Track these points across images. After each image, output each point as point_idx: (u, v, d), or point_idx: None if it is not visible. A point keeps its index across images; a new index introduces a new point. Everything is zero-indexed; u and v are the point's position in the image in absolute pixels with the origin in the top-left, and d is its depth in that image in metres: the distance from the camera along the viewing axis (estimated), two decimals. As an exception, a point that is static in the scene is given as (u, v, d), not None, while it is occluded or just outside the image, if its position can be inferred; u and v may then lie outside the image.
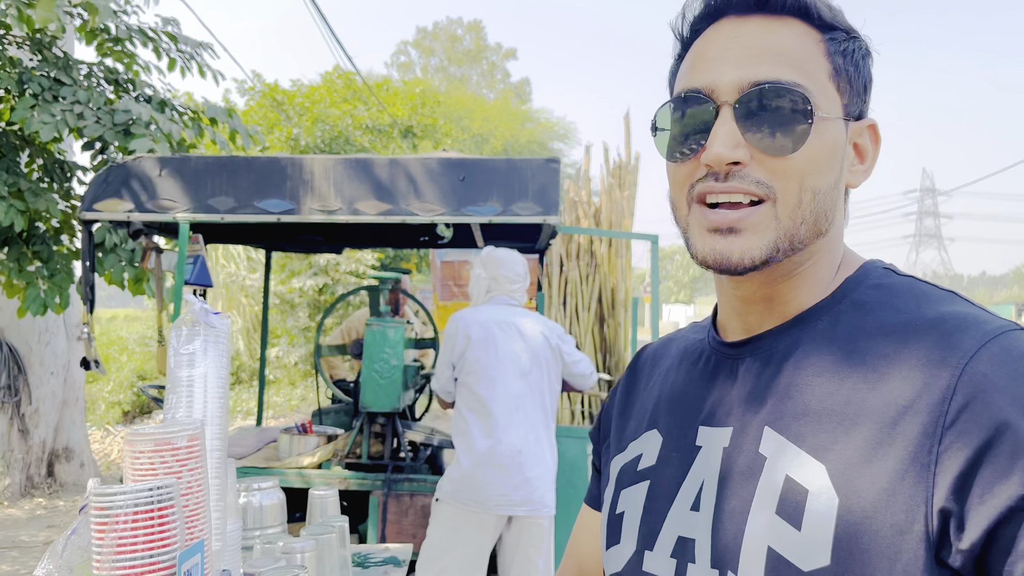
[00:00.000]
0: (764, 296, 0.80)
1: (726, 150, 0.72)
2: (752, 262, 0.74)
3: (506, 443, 2.97)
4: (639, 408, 0.95)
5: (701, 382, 0.86)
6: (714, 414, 0.81)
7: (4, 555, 5.34)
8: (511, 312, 3.16)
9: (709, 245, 0.75)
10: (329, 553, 1.66)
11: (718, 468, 0.78)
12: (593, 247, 4.16)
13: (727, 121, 0.73)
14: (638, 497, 0.86)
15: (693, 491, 0.80)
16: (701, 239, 0.76)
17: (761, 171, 0.73)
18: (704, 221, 0.76)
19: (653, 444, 0.88)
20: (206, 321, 1.37)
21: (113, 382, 10.78)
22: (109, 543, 1.02)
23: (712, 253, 0.75)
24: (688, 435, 0.84)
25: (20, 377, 6.82)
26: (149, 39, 4.67)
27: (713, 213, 0.75)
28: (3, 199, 3.98)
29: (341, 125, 12.92)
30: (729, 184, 0.73)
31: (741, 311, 0.83)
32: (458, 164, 3.27)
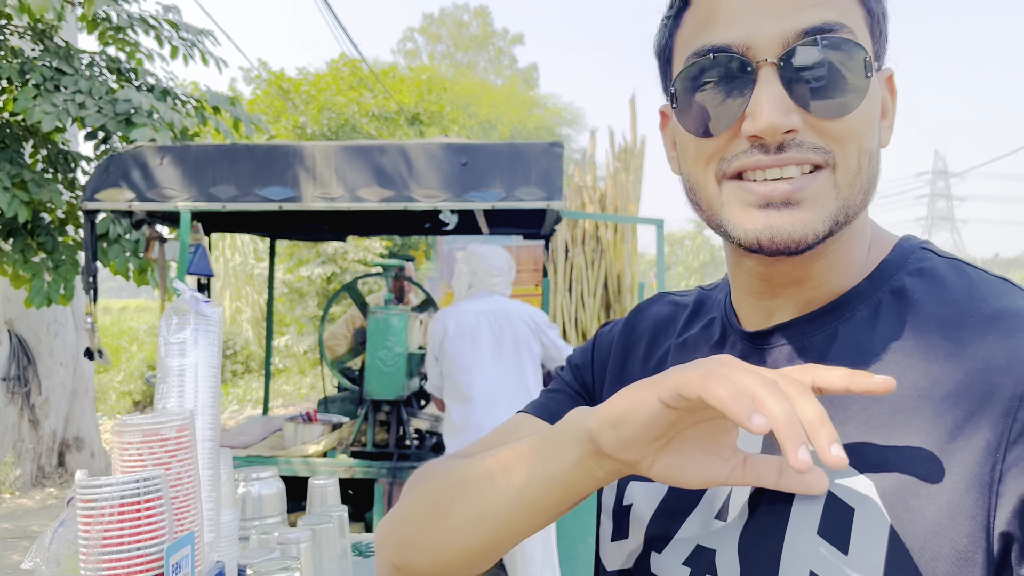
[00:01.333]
0: (796, 278, 0.69)
1: (779, 116, 0.61)
2: (816, 237, 0.63)
3: (488, 427, 3.02)
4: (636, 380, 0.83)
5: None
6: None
7: (15, 545, 5.37)
8: (492, 302, 3.21)
9: (762, 222, 0.64)
10: (328, 543, 1.65)
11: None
12: (599, 232, 4.12)
13: (772, 82, 0.62)
14: (651, 494, 0.77)
15: (719, 498, 0.71)
16: (747, 216, 0.65)
17: (816, 136, 0.63)
18: (747, 195, 0.65)
19: None
20: (197, 310, 1.35)
21: (123, 372, 10.84)
22: (95, 536, 1.01)
23: (767, 231, 0.63)
24: None
25: (30, 368, 6.85)
26: (150, 27, 4.64)
27: (761, 185, 0.64)
28: (7, 190, 3.97)
29: (347, 113, 12.89)
30: (783, 155, 0.63)
31: (764, 294, 0.72)
32: (460, 149, 3.24)
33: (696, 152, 0.68)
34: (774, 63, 0.62)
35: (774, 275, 0.70)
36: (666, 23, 0.72)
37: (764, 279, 0.71)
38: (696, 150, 0.68)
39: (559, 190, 3.15)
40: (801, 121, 0.62)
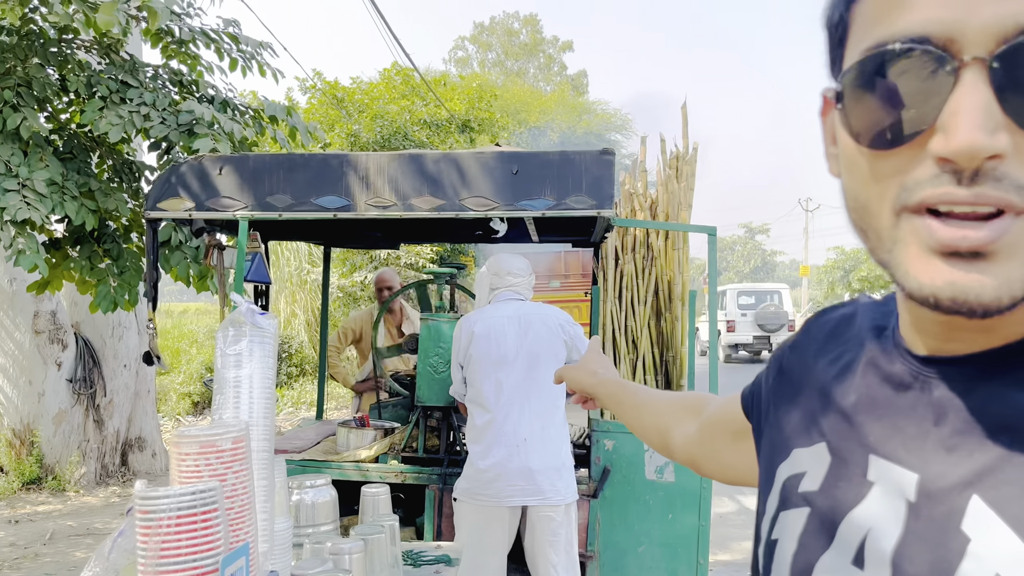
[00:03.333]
0: (982, 327, 0.56)
1: (982, 137, 0.47)
2: (1012, 301, 0.49)
3: (509, 433, 3.04)
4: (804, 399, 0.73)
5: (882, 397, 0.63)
6: (893, 445, 0.61)
7: (79, 542, 5.55)
8: (516, 306, 3.23)
9: (944, 276, 0.50)
10: (380, 552, 1.67)
11: (900, 527, 0.57)
12: (649, 239, 4.09)
13: (979, 90, 0.47)
14: (796, 525, 0.68)
15: (855, 539, 0.61)
16: (925, 265, 0.51)
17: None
18: (929, 237, 0.50)
19: (820, 462, 0.67)
20: (252, 322, 1.38)
21: (183, 374, 11.12)
22: (153, 547, 1.04)
23: (948, 288, 0.50)
24: (857, 462, 0.63)
25: (95, 370, 7.08)
26: (211, 40, 4.76)
27: (947, 228, 0.49)
28: (75, 199, 4.11)
29: (399, 121, 13.03)
30: (978, 191, 0.48)
31: (939, 337, 0.59)
32: (511, 157, 3.25)
33: (868, 169, 0.54)
34: (984, 61, 0.48)
35: (955, 323, 0.56)
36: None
37: (942, 325, 0.58)
38: (868, 167, 0.54)
39: (610, 198, 3.13)
40: (1010, 143, 0.47)
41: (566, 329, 3.20)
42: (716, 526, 3.53)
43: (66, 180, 4.15)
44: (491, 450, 3.05)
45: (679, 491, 3.38)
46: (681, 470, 3.35)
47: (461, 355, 3.21)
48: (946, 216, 0.49)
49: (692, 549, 3.37)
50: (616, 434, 3.42)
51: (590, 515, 3.41)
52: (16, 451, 6.85)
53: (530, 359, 3.12)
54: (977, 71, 0.48)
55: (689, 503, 3.37)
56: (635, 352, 4.06)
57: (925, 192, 0.50)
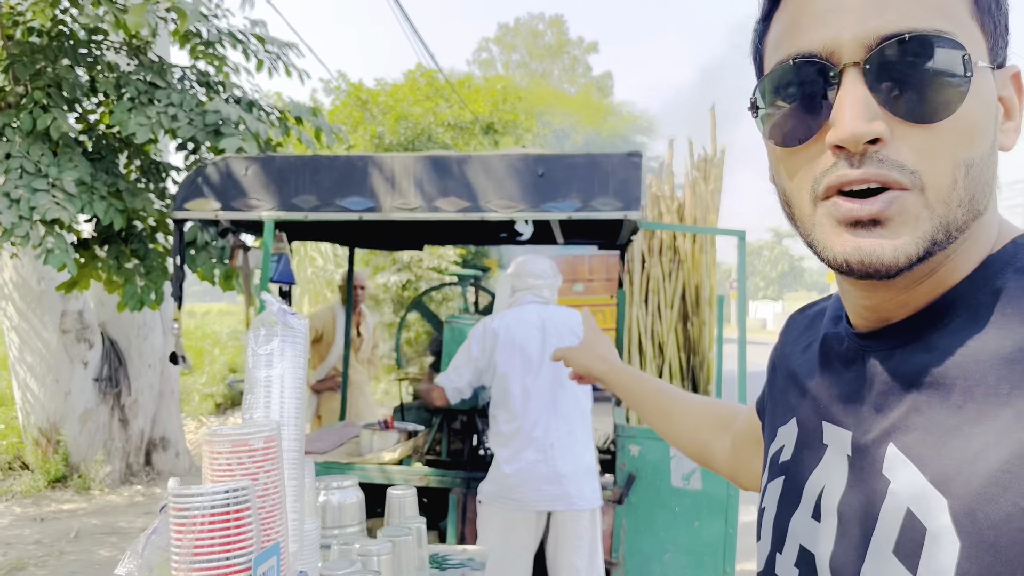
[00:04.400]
0: (900, 302, 0.66)
1: (861, 124, 0.58)
2: (908, 260, 0.59)
3: (536, 438, 3.02)
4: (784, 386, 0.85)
5: (833, 372, 0.74)
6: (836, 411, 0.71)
7: (104, 540, 5.60)
8: (538, 310, 3.21)
9: (851, 243, 0.60)
10: (407, 554, 1.65)
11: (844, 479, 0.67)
12: (676, 243, 4.05)
13: (856, 86, 0.59)
14: (775, 492, 0.79)
15: (813, 496, 0.71)
16: (837, 237, 0.62)
17: (904, 148, 0.58)
18: (836, 212, 0.61)
19: (791, 435, 0.79)
20: (284, 321, 1.37)
21: (206, 375, 11.20)
22: (187, 544, 1.03)
23: (856, 252, 0.60)
24: (816, 430, 0.74)
25: (120, 369, 7.14)
26: (238, 41, 4.80)
27: (848, 201, 0.60)
28: (103, 199, 4.15)
29: (424, 123, 13.06)
30: (866, 171, 0.59)
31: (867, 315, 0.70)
32: (537, 160, 3.24)
33: (787, 165, 0.66)
34: (859, 65, 0.59)
35: (878, 305, 0.67)
36: (756, 28, 0.70)
37: (869, 309, 0.69)
38: (786, 164, 0.66)
39: (637, 200, 3.11)
40: (887, 129, 0.58)
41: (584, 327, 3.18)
42: (742, 535, 3.49)
43: (95, 180, 4.19)
44: (519, 454, 3.03)
45: (706, 498, 3.34)
46: (708, 477, 3.31)
47: (484, 359, 3.18)
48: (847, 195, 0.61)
49: (719, 557, 3.33)
50: (642, 439, 3.39)
51: (615, 521, 3.38)
52: (42, 449, 6.93)
53: (555, 364, 3.10)
54: (854, 73, 0.60)
55: (716, 511, 3.33)
56: (661, 357, 4.03)
57: (828, 179, 0.61)
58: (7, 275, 6.76)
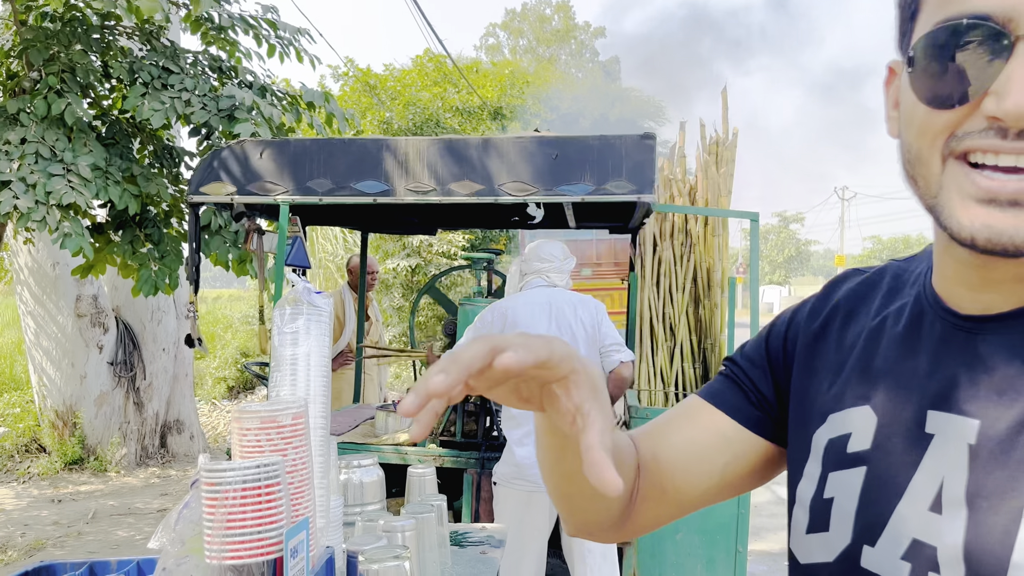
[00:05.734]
0: (1020, 275, 0.63)
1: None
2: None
3: None
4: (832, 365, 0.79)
5: (923, 354, 0.70)
6: (948, 398, 0.67)
7: (121, 521, 5.67)
8: (546, 293, 3.22)
9: (981, 219, 0.58)
10: (428, 531, 1.68)
11: (966, 468, 0.64)
12: (688, 226, 4.06)
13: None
14: (852, 483, 0.73)
15: (931, 489, 0.66)
16: (965, 208, 0.59)
17: None
18: (971, 186, 0.58)
19: (866, 424, 0.73)
20: (309, 300, 1.39)
21: (219, 359, 11.27)
22: (219, 518, 1.05)
23: (985, 230, 0.58)
24: (912, 418, 0.69)
25: (135, 353, 7.21)
26: (250, 27, 4.80)
27: (984, 178, 0.58)
28: (118, 184, 4.17)
29: (432, 108, 13.04)
30: (1021, 144, 0.56)
31: (977, 288, 0.66)
32: (550, 142, 3.24)
33: (924, 122, 0.62)
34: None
35: (993, 271, 0.64)
36: None
37: (980, 273, 0.65)
38: (925, 120, 0.62)
39: (651, 183, 3.11)
40: None
41: (593, 316, 3.19)
42: (753, 515, 3.51)
43: (109, 165, 4.22)
44: (530, 436, 3.06)
45: (718, 478, 3.35)
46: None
47: None
48: (987, 168, 0.57)
49: (731, 537, 3.35)
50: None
51: (628, 501, 3.40)
52: (59, 432, 7.00)
53: None
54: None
55: (728, 491, 3.34)
56: (673, 340, 4.04)
57: (973, 141, 0.58)
58: (22, 260, 6.81)
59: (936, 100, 0.60)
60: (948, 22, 0.59)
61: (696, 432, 0.88)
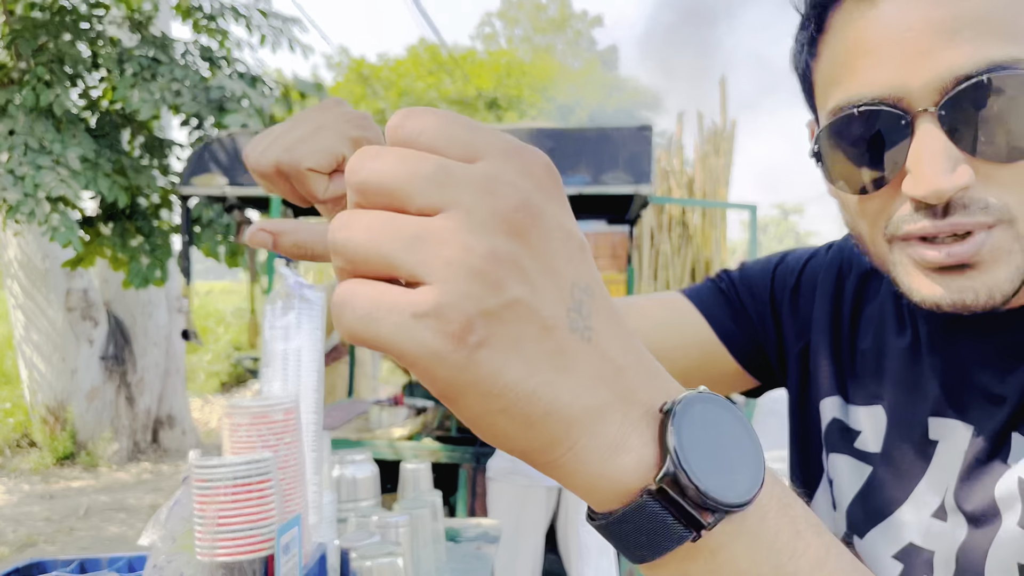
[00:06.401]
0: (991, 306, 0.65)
1: (944, 179, 0.53)
2: (1004, 298, 0.57)
3: None
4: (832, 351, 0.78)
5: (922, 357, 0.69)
6: (945, 403, 0.67)
7: (113, 517, 5.63)
8: None
9: (940, 286, 0.57)
10: (423, 527, 1.65)
11: (962, 475, 0.64)
12: (686, 217, 4.03)
13: (933, 136, 0.54)
14: (855, 478, 0.73)
15: (935, 497, 0.66)
16: (921, 280, 0.59)
17: (990, 188, 0.55)
18: (921, 260, 0.58)
19: (877, 424, 0.73)
20: (300, 294, 1.36)
21: (211, 353, 11.22)
22: (210, 515, 1.02)
23: (946, 296, 0.57)
24: (918, 423, 0.69)
25: (126, 347, 7.16)
26: (241, 15, 4.75)
27: (933, 250, 0.57)
28: (107, 176, 4.13)
29: (427, 98, 12.99)
30: (952, 221, 0.55)
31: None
32: (547, 134, 3.21)
33: (857, 208, 0.62)
34: (933, 112, 0.54)
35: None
36: (801, 47, 0.65)
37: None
38: (857, 206, 0.62)
39: (647, 175, 3.08)
40: (972, 175, 0.54)
41: None
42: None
43: (99, 157, 4.17)
44: None
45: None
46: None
47: None
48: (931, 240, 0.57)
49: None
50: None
51: (624, 495, 3.39)
52: (50, 427, 6.95)
53: None
54: (929, 120, 0.55)
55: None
56: (669, 331, 4.03)
57: (907, 227, 0.58)
58: (12, 253, 6.75)
59: (857, 188, 0.61)
60: (842, 111, 0.59)
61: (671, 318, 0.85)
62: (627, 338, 0.34)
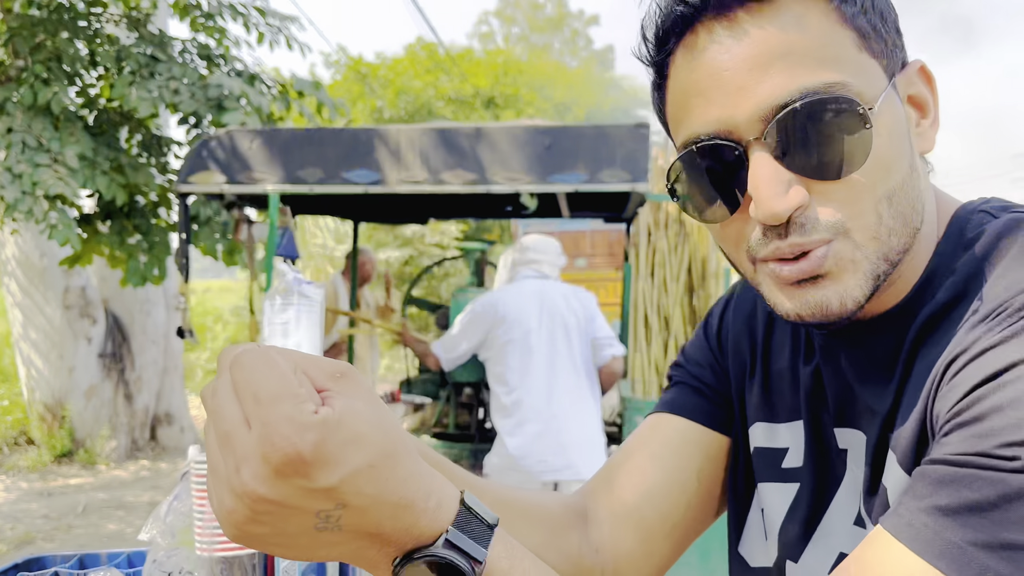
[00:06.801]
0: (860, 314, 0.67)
1: (780, 201, 0.58)
2: (856, 304, 0.61)
3: (538, 409, 3.03)
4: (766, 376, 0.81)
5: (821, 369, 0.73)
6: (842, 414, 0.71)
7: (111, 514, 5.63)
8: (537, 284, 3.22)
9: (799, 299, 0.62)
10: (421, 524, 1.66)
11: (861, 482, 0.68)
12: (683, 215, 4.04)
13: (765, 162, 0.59)
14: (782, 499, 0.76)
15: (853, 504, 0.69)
16: (785, 296, 0.63)
17: (825, 204, 0.59)
18: (778, 277, 0.63)
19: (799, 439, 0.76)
20: (299, 291, 1.36)
21: (209, 351, 11.22)
22: (210, 510, 1.03)
23: (806, 306, 0.62)
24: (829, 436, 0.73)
25: (124, 345, 7.15)
26: (239, 13, 4.75)
27: (786, 267, 0.62)
28: (105, 174, 4.13)
29: (424, 97, 12.98)
30: (792, 241, 0.60)
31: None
32: (544, 131, 3.22)
33: (720, 236, 0.67)
34: (760, 140, 0.59)
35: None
36: (653, 96, 0.70)
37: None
38: (719, 235, 0.67)
39: (645, 172, 3.09)
40: (806, 195, 0.59)
41: (585, 307, 3.20)
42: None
43: (96, 155, 4.17)
44: (521, 427, 3.04)
45: (712, 469, 3.35)
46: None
47: (481, 330, 3.18)
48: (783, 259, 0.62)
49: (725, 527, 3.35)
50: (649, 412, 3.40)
51: (621, 492, 3.40)
52: (47, 425, 6.95)
53: (554, 335, 3.11)
54: (759, 148, 0.59)
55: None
56: (667, 330, 4.03)
57: (762, 251, 0.63)
58: (9, 251, 6.75)
59: (712, 216, 0.65)
60: (685, 148, 0.63)
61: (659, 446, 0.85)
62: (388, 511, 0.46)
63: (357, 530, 0.47)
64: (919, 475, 0.54)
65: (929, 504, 0.51)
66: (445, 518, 0.48)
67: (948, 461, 0.52)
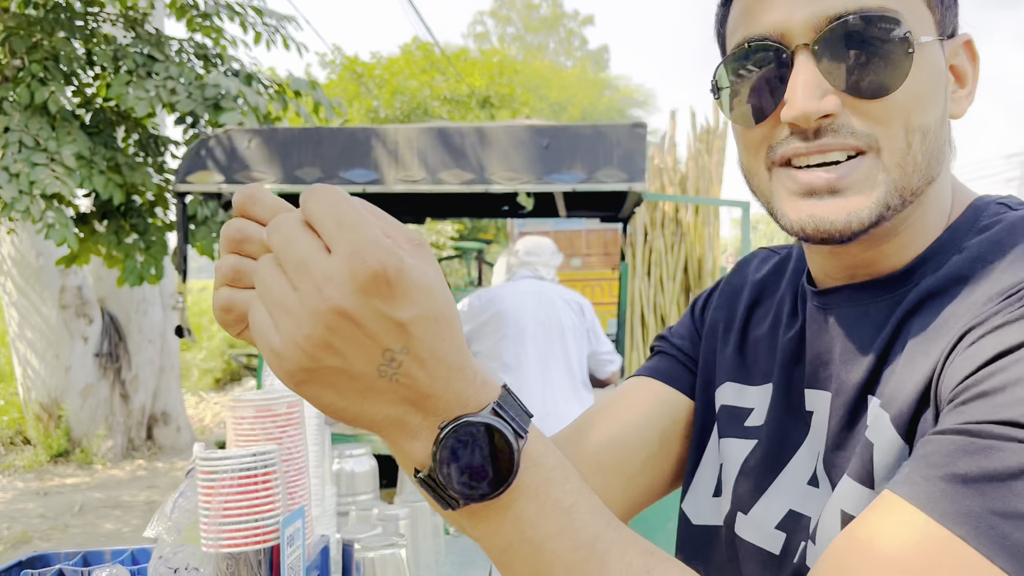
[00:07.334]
0: (865, 261, 0.69)
1: (812, 103, 0.61)
2: (861, 226, 0.62)
3: (533, 405, 3.02)
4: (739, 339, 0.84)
5: (804, 335, 0.75)
6: (816, 376, 0.72)
7: (108, 514, 5.63)
8: (534, 284, 3.24)
9: (805, 211, 0.64)
10: (422, 520, 1.67)
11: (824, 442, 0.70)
12: (679, 215, 4.06)
13: (807, 68, 0.62)
14: (738, 454, 0.79)
15: (810, 464, 0.72)
16: (792, 205, 0.65)
17: (857, 119, 0.62)
18: (792, 184, 0.65)
19: (764, 399, 0.79)
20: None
21: (205, 350, 11.22)
22: (216, 506, 1.04)
23: (810, 220, 0.63)
24: (797, 397, 0.75)
25: (120, 345, 7.15)
26: (236, 13, 4.75)
27: (804, 173, 0.64)
28: (102, 173, 4.13)
29: (420, 96, 12.98)
30: (821, 142, 0.63)
31: (834, 275, 0.72)
32: (542, 131, 3.23)
33: (745, 140, 0.69)
34: (808, 47, 0.62)
35: (842, 262, 0.70)
36: (718, 12, 0.73)
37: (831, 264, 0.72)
38: (745, 139, 0.69)
39: (642, 172, 3.11)
40: (839, 104, 0.62)
41: (583, 314, 3.23)
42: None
43: (94, 154, 4.17)
44: None
45: (708, 467, 3.38)
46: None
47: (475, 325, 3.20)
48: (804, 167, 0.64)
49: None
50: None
51: (618, 490, 3.42)
52: (44, 424, 6.94)
53: (549, 334, 3.13)
54: (805, 54, 0.62)
55: (718, 479, 3.37)
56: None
57: (784, 149, 0.65)
58: (5, 251, 6.74)
59: (745, 118, 0.68)
60: (736, 48, 0.67)
61: (629, 403, 0.89)
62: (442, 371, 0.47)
63: (411, 385, 0.46)
64: (933, 443, 0.53)
65: (948, 472, 0.51)
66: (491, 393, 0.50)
67: (967, 431, 0.52)
